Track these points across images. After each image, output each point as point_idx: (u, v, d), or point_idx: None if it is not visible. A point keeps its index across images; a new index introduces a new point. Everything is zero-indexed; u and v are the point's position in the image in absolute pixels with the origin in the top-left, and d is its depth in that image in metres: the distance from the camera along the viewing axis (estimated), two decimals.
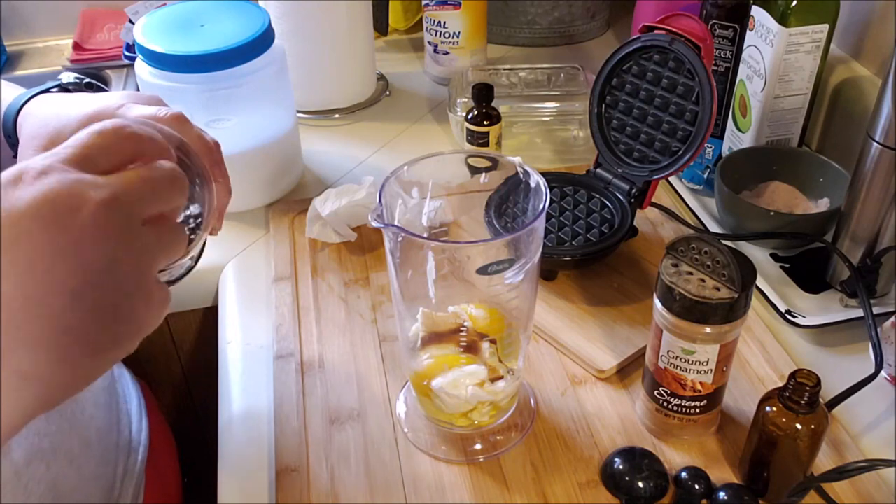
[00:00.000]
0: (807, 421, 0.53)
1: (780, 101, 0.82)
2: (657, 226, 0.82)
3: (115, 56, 1.18)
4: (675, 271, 0.54)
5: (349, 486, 0.58)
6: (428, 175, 0.58)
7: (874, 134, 0.66)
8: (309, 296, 0.75)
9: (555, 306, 0.72)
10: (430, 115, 1.05)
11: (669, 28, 0.70)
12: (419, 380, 0.59)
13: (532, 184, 0.56)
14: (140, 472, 0.67)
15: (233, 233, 0.84)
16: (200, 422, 0.92)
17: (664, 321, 0.55)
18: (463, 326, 0.58)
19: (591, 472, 0.59)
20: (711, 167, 0.87)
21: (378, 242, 0.80)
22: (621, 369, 0.67)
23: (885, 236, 0.70)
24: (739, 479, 0.58)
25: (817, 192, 0.82)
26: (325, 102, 1.04)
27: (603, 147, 0.77)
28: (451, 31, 1.07)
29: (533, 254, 0.54)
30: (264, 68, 0.81)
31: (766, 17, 0.79)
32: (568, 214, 0.76)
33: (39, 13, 1.23)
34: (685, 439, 0.61)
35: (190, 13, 0.82)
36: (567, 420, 0.63)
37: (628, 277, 0.75)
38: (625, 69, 0.75)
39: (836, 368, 0.66)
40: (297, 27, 0.97)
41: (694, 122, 0.71)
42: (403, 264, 0.55)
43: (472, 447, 0.61)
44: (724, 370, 0.57)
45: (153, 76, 0.78)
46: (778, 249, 0.79)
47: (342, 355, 0.69)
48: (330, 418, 0.63)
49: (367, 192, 0.80)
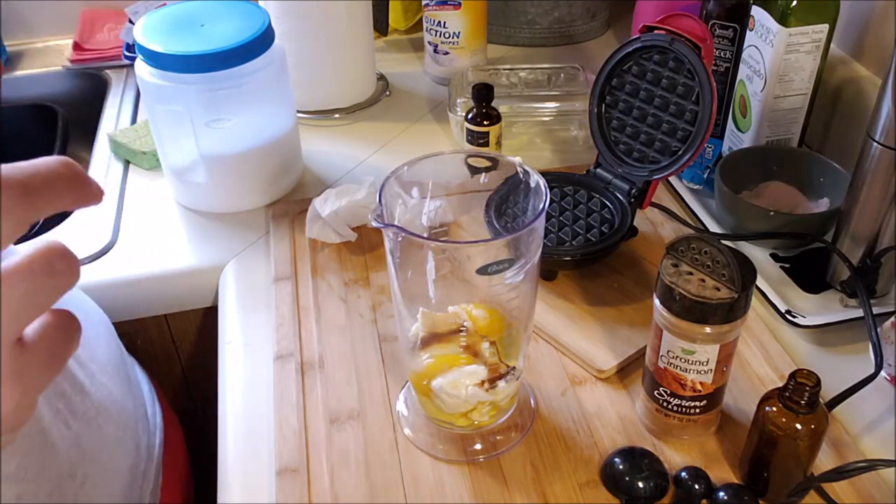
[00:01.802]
0: (807, 421, 0.53)
1: (780, 101, 0.82)
2: (657, 226, 0.82)
3: (115, 56, 1.18)
4: (675, 271, 0.54)
5: (349, 486, 0.58)
6: (428, 175, 0.58)
7: (874, 134, 0.66)
8: (309, 296, 0.75)
9: (555, 306, 0.72)
10: (430, 115, 1.05)
11: (669, 28, 0.70)
12: (419, 380, 0.59)
13: (532, 184, 0.56)
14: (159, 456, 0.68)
15: (233, 233, 0.84)
16: (200, 422, 0.92)
17: (664, 321, 0.55)
18: (463, 326, 0.58)
19: (591, 472, 0.59)
20: (711, 167, 0.87)
21: (378, 242, 0.80)
22: (621, 369, 0.67)
23: (885, 236, 0.70)
24: (739, 479, 0.58)
25: (817, 192, 0.82)
26: (325, 102, 1.04)
27: (603, 147, 0.77)
28: (451, 31, 1.07)
29: (533, 254, 0.54)
30: (264, 68, 0.81)
31: (766, 17, 0.78)
32: (568, 214, 0.76)
33: (39, 13, 1.23)
34: (685, 439, 0.61)
35: (190, 13, 0.82)
36: (567, 420, 0.63)
37: (628, 277, 0.75)
38: (625, 69, 0.75)
39: (836, 368, 0.66)
40: (297, 27, 0.97)
41: (694, 122, 0.71)
42: (403, 264, 0.55)
43: (472, 447, 0.61)
44: (724, 370, 0.57)
45: (153, 76, 0.78)
46: (778, 249, 0.79)
47: (342, 355, 0.69)
48: (330, 418, 0.63)
49: (367, 192, 0.80)
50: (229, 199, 0.87)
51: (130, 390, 0.67)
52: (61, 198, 0.32)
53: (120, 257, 0.82)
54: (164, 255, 0.82)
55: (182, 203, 0.89)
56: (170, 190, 0.90)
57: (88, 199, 0.33)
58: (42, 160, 0.31)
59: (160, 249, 0.83)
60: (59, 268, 0.31)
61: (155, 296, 0.81)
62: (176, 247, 0.83)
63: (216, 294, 0.80)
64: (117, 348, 0.69)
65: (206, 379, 0.78)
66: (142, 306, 0.82)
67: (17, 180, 0.30)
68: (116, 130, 1.01)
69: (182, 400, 0.91)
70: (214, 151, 0.83)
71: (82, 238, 0.84)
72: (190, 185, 0.86)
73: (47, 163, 0.32)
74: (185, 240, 0.84)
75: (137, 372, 0.74)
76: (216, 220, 0.86)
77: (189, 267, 0.81)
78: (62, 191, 0.32)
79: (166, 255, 0.82)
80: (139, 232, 0.85)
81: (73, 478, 0.53)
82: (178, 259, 0.81)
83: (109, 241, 0.83)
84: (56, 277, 0.31)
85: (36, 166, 0.31)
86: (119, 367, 0.66)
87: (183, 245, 0.83)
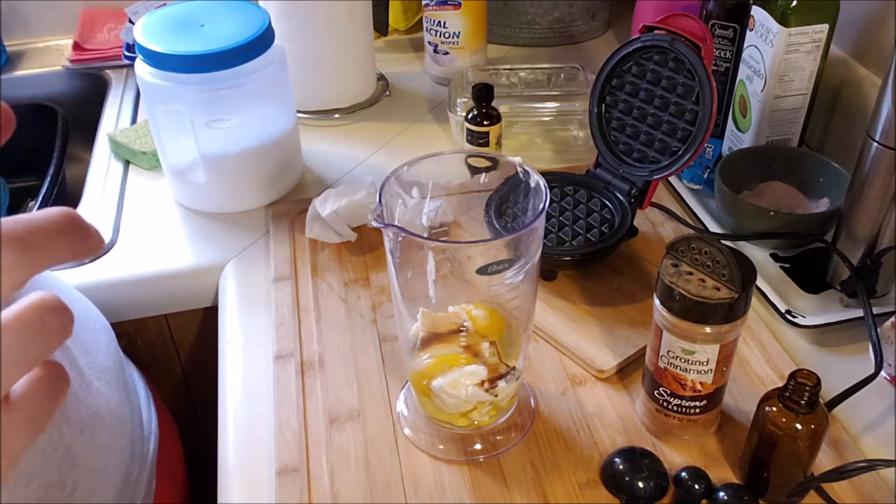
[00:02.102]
0: (807, 421, 0.53)
1: (780, 101, 0.82)
2: (657, 226, 0.82)
3: (115, 56, 1.18)
4: (675, 271, 0.54)
5: (349, 486, 0.58)
6: (428, 175, 0.58)
7: (874, 134, 0.66)
8: (309, 296, 0.75)
9: (555, 306, 0.72)
10: (430, 115, 1.05)
11: (669, 28, 0.70)
12: (419, 380, 0.59)
13: (532, 184, 0.56)
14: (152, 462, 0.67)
15: (233, 233, 0.84)
16: (200, 422, 0.92)
17: (664, 321, 0.55)
18: (463, 326, 0.58)
19: (591, 472, 0.59)
20: (711, 167, 0.87)
21: (378, 242, 0.80)
22: (621, 369, 0.67)
23: (885, 236, 0.70)
24: (739, 479, 0.58)
25: (817, 192, 0.82)
26: (325, 102, 1.04)
27: (603, 147, 0.77)
28: (451, 31, 1.07)
29: (533, 254, 0.54)
30: (264, 68, 0.81)
31: (766, 17, 0.78)
32: (568, 214, 0.76)
33: (39, 13, 1.23)
34: (685, 439, 0.61)
35: (190, 13, 0.82)
36: (567, 420, 0.63)
37: (628, 277, 0.75)
38: (625, 69, 0.75)
39: (836, 368, 0.66)
40: (297, 27, 0.97)
41: (694, 122, 0.71)
42: (403, 264, 0.55)
43: (472, 447, 0.61)
44: (724, 370, 0.57)
45: (153, 76, 0.78)
46: (778, 249, 0.79)
47: (342, 355, 0.69)
48: (330, 418, 0.63)
49: (367, 192, 0.80)
50: (229, 199, 0.87)
51: (127, 396, 0.67)
52: (61, 252, 0.31)
53: (120, 257, 0.82)
54: (164, 255, 0.82)
55: (182, 203, 0.89)
56: (170, 190, 0.90)
57: (89, 251, 0.32)
58: (43, 213, 0.30)
59: (160, 249, 0.83)
60: (51, 325, 0.29)
61: (155, 296, 0.81)
62: (176, 247, 0.83)
63: (216, 294, 0.80)
64: (117, 354, 0.69)
65: (206, 379, 0.78)
66: (142, 306, 0.82)
67: (17, 236, 0.29)
68: (116, 130, 1.01)
69: (182, 400, 0.91)
70: (214, 151, 0.83)
71: None
72: (190, 185, 0.86)
73: (48, 216, 0.30)
74: (185, 240, 0.84)
75: (135, 376, 0.74)
76: (216, 220, 0.86)
77: (189, 267, 0.81)
78: (63, 245, 0.31)
79: (166, 255, 0.82)
80: (139, 232, 0.85)
81: (62, 486, 0.53)
82: (178, 259, 0.81)
83: (109, 241, 0.84)
84: (48, 334, 0.29)
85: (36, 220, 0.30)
86: (117, 373, 0.66)
87: (183, 245, 0.83)
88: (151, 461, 0.68)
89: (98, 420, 0.58)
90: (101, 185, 0.93)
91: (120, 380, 0.66)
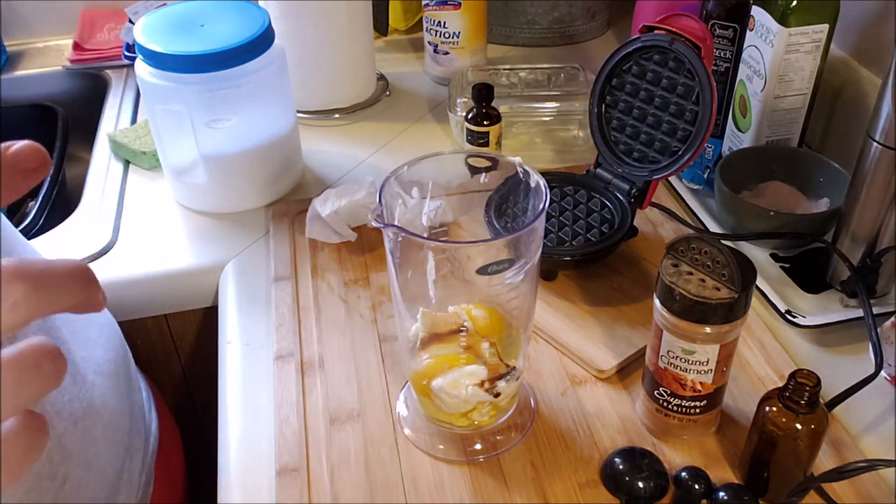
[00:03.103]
0: (807, 421, 0.53)
1: (780, 101, 0.82)
2: (657, 226, 0.82)
3: (115, 56, 1.18)
4: (675, 271, 0.54)
5: (349, 486, 0.58)
6: (428, 175, 0.58)
7: (874, 134, 0.66)
8: (309, 296, 0.75)
9: (555, 306, 0.72)
10: (430, 115, 1.05)
11: (669, 28, 0.70)
12: (419, 380, 0.59)
13: (532, 184, 0.56)
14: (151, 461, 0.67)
15: (233, 233, 0.84)
16: (200, 422, 0.92)
17: (664, 321, 0.55)
18: (463, 326, 0.58)
19: (591, 472, 0.59)
20: (711, 167, 0.87)
21: (378, 242, 0.80)
22: (621, 369, 0.67)
23: (885, 236, 0.70)
24: (739, 479, 0.58)
25: (817, 192, 0.82)
26: (325, 102, 1.04)
27: (603, 147, 0.77)
28: (451, 31, 1.07)
29: (533, 254, 0.54)
30: (264, 68, 0.81)
31: (766, 17, 0.78)
32: (568, 214, 0.76)
33: (39, 13, 1.23)
34: (685, 439, 0.61)
35: (190, 13, 0.82)
36: (567, 420, 0.63)
37: (628, 277, 0.75)
38: (625, 69, 0.75)
39: (836, 368, 0.66)
40: (297, 27, 0.97)
41: (694, 122, 0.71)
42: (403, 264, 0.55)
43: (472, 447, 0.61)
44: (724, 370, 0.57)
45: (153, 76, 0.78)
46: (778, 249, 0.79)
47: (342, 355, 0.69)
48: (330, 418, 0.63)
49: (367, 192, 0.80)
50: (229, 199, 0.87)
51: (128, 392, 0.67)
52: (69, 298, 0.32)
53: (120, 257, 0.82)
54: (164, 255, 0.82)
55: (182, 203, 0.89)
56: (170, 190, 0.90)
57: (93, 305, 0.33)
58: (59, 259, 0.31)
59: (160, 249, 0.83)
60: (45, 368, 0.30)
61: (155, 296, 0.81)
62: (176, 247, 0.83)
63: (216, 294, 0.80)
64: (121, 349, 0.68)
65: (206, 379, 0.78)
66: (142, 306, 0.82)
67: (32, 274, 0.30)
68: (116, 130, 1.01)
69: (182, 400, 0.91)
70: (214, 151, 0.83)
71: (82, 238, 0.84)
72: (190, 185, 0.86)
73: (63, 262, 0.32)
74: (185, 240, 0.84)
75: (137, 375, 0.74)
76: (216, 220, 0.86)
77: (189, 267, 0.81)
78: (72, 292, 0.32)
79: (166, 255, 0.82)
80: (139, 232, 0.85)
81: (52, 477, 0.53)
82: (178, 259, 0.81)
83: (109, 241, 0.83)
84: (41, 377, 0.29)
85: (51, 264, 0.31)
86: (119, 368, 0.66)
87: (183, 245, 0.83)
88: (150, 460, 0.68)
89: (92, 413, 0.58)
90: (101, 185, 0.93)
91: (121, 375, 0.66)
